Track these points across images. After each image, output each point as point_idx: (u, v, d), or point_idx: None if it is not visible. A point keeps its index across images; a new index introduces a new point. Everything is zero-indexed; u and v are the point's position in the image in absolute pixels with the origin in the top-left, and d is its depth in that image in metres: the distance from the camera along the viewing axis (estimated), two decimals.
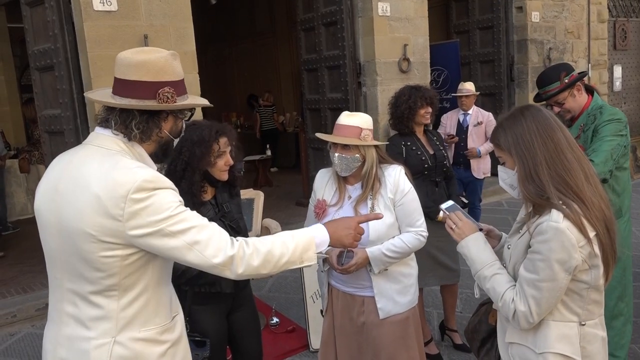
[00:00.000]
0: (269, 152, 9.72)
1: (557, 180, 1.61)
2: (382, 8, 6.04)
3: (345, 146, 2.34)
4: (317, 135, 2.67)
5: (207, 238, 1.51)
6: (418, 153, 3.42)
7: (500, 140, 1.73)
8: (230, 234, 1.58)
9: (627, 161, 2.88)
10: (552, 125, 1.67)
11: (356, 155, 2.35)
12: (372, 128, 2.41)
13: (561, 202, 1.58)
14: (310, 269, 3.47)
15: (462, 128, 5.46)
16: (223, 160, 2.27)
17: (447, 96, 7.35)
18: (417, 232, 2.39)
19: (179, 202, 1.53)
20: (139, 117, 1.56)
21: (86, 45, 4.43)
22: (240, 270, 1.54)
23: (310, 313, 3.74)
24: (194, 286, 2.28)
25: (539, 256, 1.58)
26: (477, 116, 5.44)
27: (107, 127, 1.58)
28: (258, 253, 1.57)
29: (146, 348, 1.57)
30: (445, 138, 4.83)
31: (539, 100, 2.97)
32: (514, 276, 1.71)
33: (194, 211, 1.56)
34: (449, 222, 1.88)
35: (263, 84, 12.66)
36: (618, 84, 9.96)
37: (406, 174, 2.43)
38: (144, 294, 1.56)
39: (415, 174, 3.22)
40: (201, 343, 2.27)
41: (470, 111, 5.47)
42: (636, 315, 3.49)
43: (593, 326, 1.66)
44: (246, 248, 1.57)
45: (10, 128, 8.76)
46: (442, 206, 1.96)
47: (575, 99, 2.90)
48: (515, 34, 8.10)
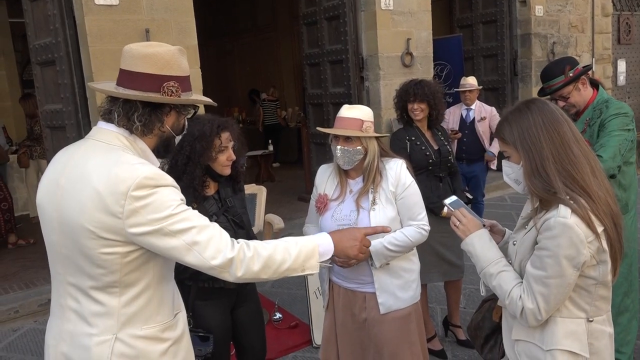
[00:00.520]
0: (271, 148, 9.70)
1: (564, 174, 1.58)
2: (385, 2, 6.00)
3: (347, 139, 2.33)
4: (319, 129, 2.65)
5: (207, 239, 1.49)
6: (422, 148, 3.39)
7: (505, 134, 1.70)
8: (233, 229, 1.56)
9: (634, 155, 2.85)
10: (559, 118, 1.64)
11: (358, 147, 2.34)
12: (373, 120, 2.40)
13: (568, 197, 1.56)
14: None
15: (465, 123, 5.43)
16: (225, 155, 2.25)
17: (450, 91, 7.30)
18: (419, 226, 2.37)
19: (181, 201, 1.50)
20: (142, 109, 1.54)
21: (87, 39, 4.41)
22: (239, 273, 1.52)
23: (313, 308, 3.73)
24: (198, 281, 2.26)
25: (547, 252, 1.55)
26: (480, 111, 5.41)
27: (110, 121, 1.56)
28: (259, 257, 1.55)
29: (148, 345, 1.55)
30: (448, 133, 4.79)
31: (544, 94, 2.94)
32: (520, 273, 1.68)
33: (195, 210, 1.54)
34: (454, 220, 1.86)
35: (265, 79, 12.64)
36: (622, 78, 9.92)
37: (407, 168, 2.41)
38: (146, 292, 1.55)
39: (419, 169, 3.21)
40: (205, 338, 2.26)
41: (473, 106, 5.44)
42: None
43: (601, 322, 1.64)
44: (247, 251, 1.54)
45: (12, 123, 8.77)
46: (446, 201, 1.94)
47: (580, 93, 2.86)
48: (518, 28, 8.05)
